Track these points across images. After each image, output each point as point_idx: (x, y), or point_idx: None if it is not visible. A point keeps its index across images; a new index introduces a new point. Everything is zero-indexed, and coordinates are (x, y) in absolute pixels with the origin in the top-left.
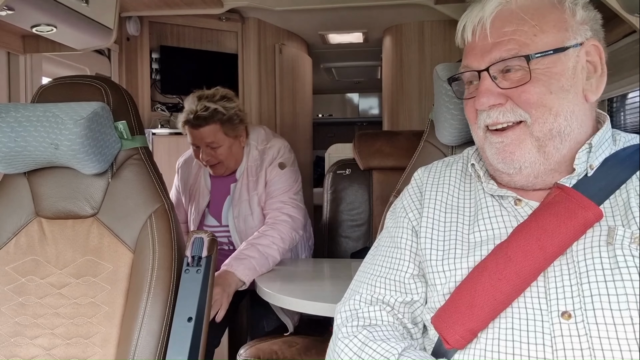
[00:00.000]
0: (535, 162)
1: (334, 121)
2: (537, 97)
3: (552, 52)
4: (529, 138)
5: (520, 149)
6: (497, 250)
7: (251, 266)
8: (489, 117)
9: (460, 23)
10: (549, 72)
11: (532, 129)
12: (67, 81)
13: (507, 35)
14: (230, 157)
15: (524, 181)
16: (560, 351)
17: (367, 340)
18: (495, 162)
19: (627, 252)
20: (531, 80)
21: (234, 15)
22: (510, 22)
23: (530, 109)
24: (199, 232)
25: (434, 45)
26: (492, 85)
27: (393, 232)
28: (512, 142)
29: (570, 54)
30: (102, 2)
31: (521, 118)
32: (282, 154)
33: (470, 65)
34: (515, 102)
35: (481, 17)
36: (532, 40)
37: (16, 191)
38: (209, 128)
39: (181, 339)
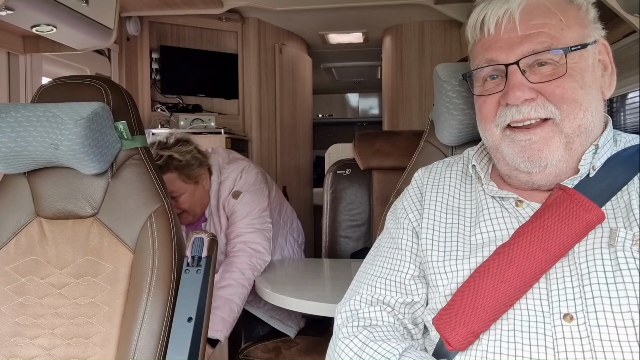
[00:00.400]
0: (560, 160)
1: (334, 121)
2: (571, 92)
3: (580, 47)
4: (557, 135)
5: (548, 147)
6: (499, 251)
7: (219, 319)
8: (519, 113)
9: (478, 15)
10: (577, 67)
11: (562, 126)
12: (67, 81)
13: (536, 27)
14: (195, 204)
15: (543, 180)
16: (562, 353)
17: (367, 341)
18: (518, 160)
19: (628, 254)
20: (566, 75)
21: (234, 15)
22: (538, 15)
23: (563, 104)
24: (199, 232)
25: (434, 45)
26: (523, 79)
27: (394, 233)
28: (541, 139)
29: (589, 51)
30: (102, 2)
31: (551, 115)
32: (237, 181)
33: (496, 58)
34: (547, 97)
35: (508, 8)
36: (560, 34)
37: (16, 191)
38: (166, 177)
39: (181, 339)
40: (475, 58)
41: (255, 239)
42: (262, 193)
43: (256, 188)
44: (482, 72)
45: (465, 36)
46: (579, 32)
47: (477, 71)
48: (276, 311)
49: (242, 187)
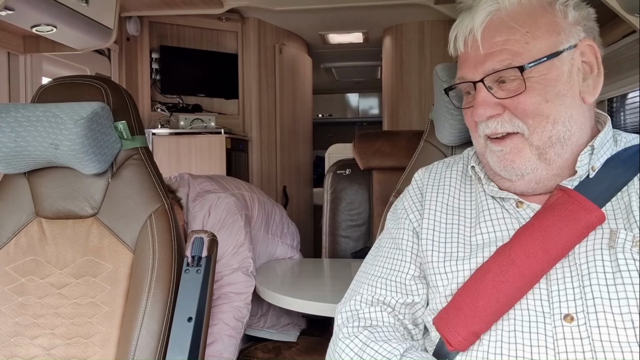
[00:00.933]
0: (537, 169)
1: (334, 121)
2: (533, 107)
3: (545, 59)
4: (527, 147)
5: (520, 157)
6: (499, 252)
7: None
8: (487, 128)
9: (452, 33)
10: (544, 80)
11: (531, 139)
12: (67, 81)
13: (498, 45)
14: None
15: (525, 187)
16: (563, 354)
17: (368, 341)
18: (497, 169)
19: (628, 255)
20: (526, 90)
21: (234, 15)
22: (501, 32)
23: (527, 119)
24: (199, 232)
25: (434, 45)
26: (488, 96)
27: (394, 233)
28: (511, 150)
29: (564, 58)
30: (102, 2)
31: (518, 130)
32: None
33: (465, 76)
34: (512, 112)
35: (472, 28)
36: (524, 48)
37: (16, 191)
38: None
39: (181, 339)
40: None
41: (234, 280)
42: (235, 225)
43: (228, 223)
44: (463, 86)
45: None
46: (550, 40)
47: (460, 85)
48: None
49: (212, 227)
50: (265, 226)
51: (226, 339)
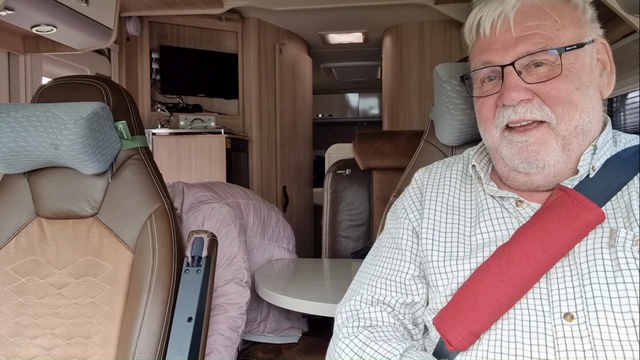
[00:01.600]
0: (558, 161)
1: (334, 121)
2: (566, 94)
3: (575, 46)
4: (553, 137)
5: (545, 148)
6: (499, 251)
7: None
8: (515, 114)
9: (474, 17)
10: (573, 68)
11: (558, 128)
12: (67, 81)
13: (531, 29)
14: None
15: (542, 180)
16: (563, 352)
17: (368, 341)
18: (517, 161)
19: (628, 254)
20: (561, 75)
21: (234, 15)
22: (533, 17)
23: (558, 106)
24: (199, 232)
25: (434, 45)
26: (519, 79)
27: (394, 233)
28: (537, 141)
29: (587, 50)
30: (102, 2)
31: (547, 118)
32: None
33: (492, 60)
34: (543, 98)
35: (502, 11)
36: (555, 35)
37: (16, 191)
38: None
39: (181, 339)
40: (473, 60)
41: (228, 291)
42: (229, 236)
43: (222, 233)
44: (480, 74)
45: (464, 39)
46: (575, 31)
47: (475, 73)
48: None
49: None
50: (262, 232)
51: (222, 349)
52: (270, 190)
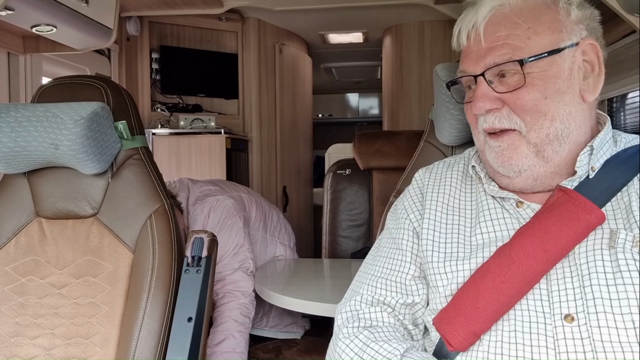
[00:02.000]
0: (534, 166)
1: (334, 121)
2: (532, 104)
3: (546, 54)
4: (524, 144)
5: (517, 154)
6: (499, 252)
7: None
8: (485, 122)
9: (456, 27)
10: (544, 76)
11: (528, 137)
12: (67, 81)
13: (500, 39)
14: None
15: (522, 184)
16: (563, 354)
17: (368, 341)
18: (495, 165)
19: (628, 255)
20: (525, 85)
21: (234, 15)
22: (503, 26)
23: (525, 115)
24: (199, 232)
25: (434, 45)
26: (488, 89)
27: (394, 233)
28: (509, 146)
29: (565, 55)
30: (102, 2)
31: (515, 126)
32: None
33: (467, 70)
34: (512, 107)
35: (475, 22)
36: (525, 43)
37: (16, 191)
38: None
39: (181, 339)
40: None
41: (236, 279)
42: (234, 227)
43: (227, 225)
44: (463, 81)
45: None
46: (551, 37)
47: (461, 79)
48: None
49: (212, 228)
50: (264, 227)
51: (237, 334)
52: (270, 190)
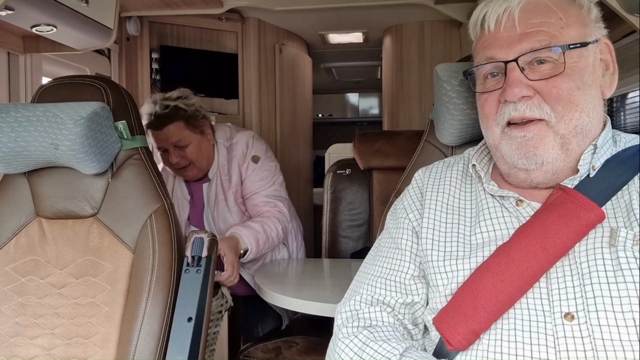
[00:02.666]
0: (557, 159)
1: (334, 121)
2: (567, 93)
3: (579, 45)
4: (551, 135)
5: (543, 144)
6: (499, 251)
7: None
8: (515, 110)
9: (479, 12)
10: (576, 67)
11: (557, 127)
12: (67, 81)
13: (535, 26)
14: (201, 156)
15: (541, 178)
16: (564, 352)
17: (367, 341)
18: (516, 157)
19: (629, 254)
20: (563, 73)
21: (234, 15)
22: (537, 14)
23: (558, 105)
24: (199, 232)
25: (434, 45)
26: (521, 76)
27: (394, 233)
28: (535, 136)
29: (590, 50)
30: (102, 2)
31: (545, 117)
32: (251, 146)
33: (496, 56)
34: (544, 96)
35: (507, 7)
36: (560, 32)
37: (16, 191)
38: (173, 126)
39: (181, 339)
40: (477, 56)
41: (284, 208)
42: (275, 162)
43: (269, 156)
44: (483, 70)
45: (469, 34)
46: (580, 30)
47: (478, 69)
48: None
49: (259, 153)
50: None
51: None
52: None
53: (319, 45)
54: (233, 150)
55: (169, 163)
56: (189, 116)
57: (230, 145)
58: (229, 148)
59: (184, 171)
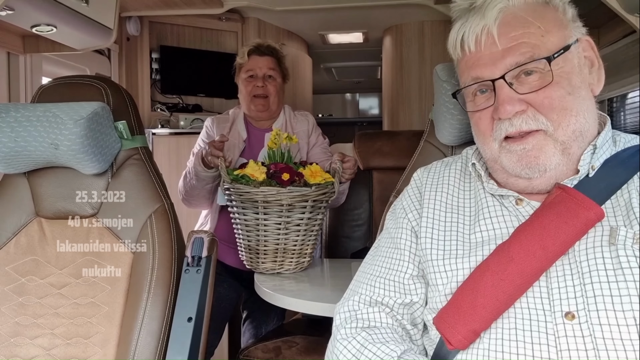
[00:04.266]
0: (559, 164)
1: (334, 121)
2: (559, 101)
3: (563, 50)
4: (550, 143)
5: (544, 153)
6: (499, 250)
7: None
8: (511, 126)
9: (456, 34)
10: (563, 72)
11: (556, 135)
12: (67, 81)
13: (516, 39)
14: (277, 96)
15: (544, 185)
16: (565, 351)
17: (366, 343)
18: (518, 169)
19: (629, 252)
20: (552, 83)
21: (234, 15)
22: (515, 27)
23: (552, 113)
24: (199, 232)
25: (434, 45)
26: (511, 92)
27: (393, 233)
28: (534, 147)
29: (573, 52)
30: (102, 2)
31: (542, 127)
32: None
33: (482, 75)
34: (537, 108)
35: (484, 25)
36: (541, 41)
37: (16, 191)
38: (273, 60)
39: (181, 339)
40: (462, 76)
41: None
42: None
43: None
44: (471, 89)
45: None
46: (559, 34)
47: (466, 88)
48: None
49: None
50: None
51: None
52: None
53: (319, 45)
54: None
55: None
56: (284, 63)
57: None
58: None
59: (259, 99)
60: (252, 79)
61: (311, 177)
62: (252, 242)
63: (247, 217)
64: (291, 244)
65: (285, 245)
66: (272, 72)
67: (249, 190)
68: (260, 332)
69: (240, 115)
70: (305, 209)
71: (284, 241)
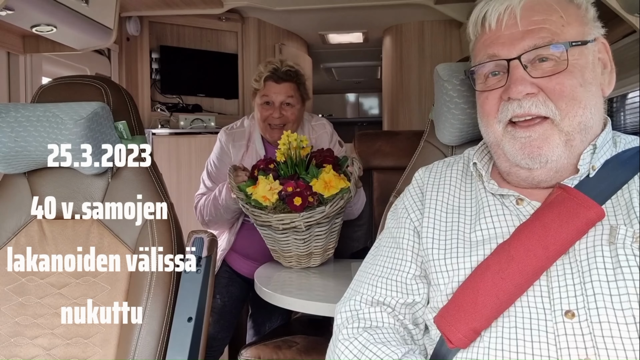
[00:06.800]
0: (561, 156)
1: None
2: (570, 90)
3: (580, 43)
4: (556, 133)
5: (548, 144)
6: (499, 249)
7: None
8: (520, 107)
9: (479, 12)
10: (578, 64)
11: (562, 124)
12: (67, 81)
13: (537, 23)
14: (296, 120)
15: (544, 176)
16: (565, 350)
17: (367, 344)
18: (519, 157)
19: (629, 251)
20: (566, 70)
21: (234, 15)
22: (539, 11)
23: (562, 102)
24: (199, 232)
25: (434, 45)
26: (524, 73)
27: (394, 233)
28: (540, 136)
29: (590, 48)
30: (102, 2)
31: (550, 114)
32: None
33: (498, 54)
34: (548, 93)
35: (509, 5)
36: (561, 30)
37: (16, 191)
38: (292, 85)
39: (181, 339)
40: (477, 55)
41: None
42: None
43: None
44: (484, 69)
45: (467, 34)
46: (579, 29)
47: (479, 67)
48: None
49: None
50: None
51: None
52: None
53: (319, 45)
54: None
55: (265, 117)
56: (303, 84)
57: (315, 124)
58: (314, 126)
59: (276, 130)
60: (269, 106)
61: (325, 189)
62: (276, 248)
63: (265, 232)
64: (313, 248)
65: (307, 250)
66: (290, 99)
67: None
68: (263, 330)
69: (257, 130)
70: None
71: (306, 248)
